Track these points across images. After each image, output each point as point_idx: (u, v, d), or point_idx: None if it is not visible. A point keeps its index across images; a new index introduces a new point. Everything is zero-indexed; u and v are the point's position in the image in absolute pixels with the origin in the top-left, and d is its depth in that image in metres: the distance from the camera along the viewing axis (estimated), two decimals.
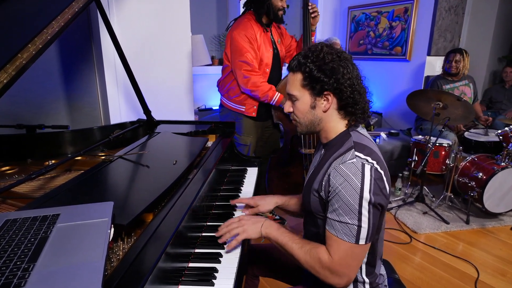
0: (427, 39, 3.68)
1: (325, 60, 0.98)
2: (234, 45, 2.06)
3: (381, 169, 0.94)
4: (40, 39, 1.03)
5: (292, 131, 2.29)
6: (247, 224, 1.07)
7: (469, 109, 2.66)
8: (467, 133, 3.26)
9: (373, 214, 0.92)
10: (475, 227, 2.64)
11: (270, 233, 1.06)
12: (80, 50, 2.14)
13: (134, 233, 0.86)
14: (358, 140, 1.00)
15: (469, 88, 3.36)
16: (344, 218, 0.92)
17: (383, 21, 4.07)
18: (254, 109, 2.22)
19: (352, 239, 0.92)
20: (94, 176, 1.11)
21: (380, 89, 4.24)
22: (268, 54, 2.15)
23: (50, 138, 1.48)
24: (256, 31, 2.07)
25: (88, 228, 0.72)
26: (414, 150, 2.96)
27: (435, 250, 2.34)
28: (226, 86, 2.25)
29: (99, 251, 0.64)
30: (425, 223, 2.67)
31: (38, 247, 0.65)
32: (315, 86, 1.00)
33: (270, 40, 2.17)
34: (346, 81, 0.98)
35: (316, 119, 1.04)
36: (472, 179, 2.69)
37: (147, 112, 1.76)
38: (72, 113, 2.17)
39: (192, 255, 1.01)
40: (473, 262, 2.21)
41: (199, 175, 1.21)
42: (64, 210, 0.80)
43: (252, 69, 2.05)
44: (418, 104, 2.89)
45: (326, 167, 1.00)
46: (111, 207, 0.80)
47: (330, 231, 0.95)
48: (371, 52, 4.26)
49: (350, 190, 0.91)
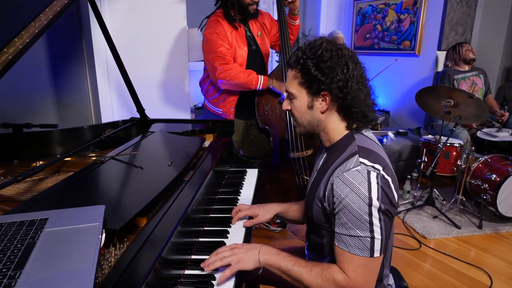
0: (437, 32, 3.68)
1: (323, 57, 0.96)
2: (206, 44, 2.04)
3: (388, 175, 0.93)
4: (27, 33, 1.03)
5: (279, 135, 2.28)
6: (241, 253, 0.98)
7: (482, 106, 2.66)
8: (480, 132, 3.26)
9: (385, 223, 0.91)
10: (488, 232, 2.64)
11: (270, 260, 0.99)
12: (69, 44, 2.14)
13: (126, 239, 0.86)
14: (363, 144, 0.99)
15: (479, 78, 3.41)
16: (355, 231, 0.90)
17: (390, 13, 4.07)
18: (231, 111, 2.20)
19: (367, 252, 0.90)
20: (85, 178, 1.10)
21: (387, 86, 4.25)
22: (241, 52, 2.11)
23: (37, 138, 1.48)
24: (226, 28, 2.04)
25: (78, 233, 0.72)
26: (423, 150, 2.95)
27: (446, 257, 2.34)
28: (205, 86, 2.25)
29: (89, 258, 0.64)
30: (435, 228, 2.67)
31: (25, 253, 0.65)
32: (312, 85, 0.98)
33: (244, 38, 2.13)
34: (345, 81, 0.95)
35: (314, 120, 1.03)
36: (485, 181, 2.69)
37: (141, 110, 1.76)
38: (61, 111, 2.17)
39: (189, 262, 1.01)
40: (486, 269, 2.20)
41: (196, 177, 1.21)
42: (53, 214, 0.80)
43: (227, 61, 2.01)
44: (428, 101, 2.89)
45: (329, 174, 0.99)
46: (102, 211, 0.80)
47: (341, 247, 0.93)
48: (378, 46, 4.26)
49: (357, 200, 0.89)
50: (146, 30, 2.19)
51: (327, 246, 1.00)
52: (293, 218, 1.33)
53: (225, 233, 1.18)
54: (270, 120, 2.25)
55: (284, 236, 2.45)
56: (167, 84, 2.35)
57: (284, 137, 2.27)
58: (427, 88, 2.87)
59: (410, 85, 4.01)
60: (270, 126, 2.28)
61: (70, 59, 2.17)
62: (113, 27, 2.03)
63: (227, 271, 0.94)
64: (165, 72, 2.33)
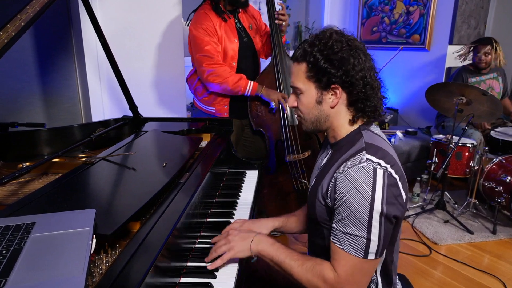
0: (449, 26, 3.68)
1: (333, 49, 0.97)
2: (193, 41, 2.04)
3: (396, 173, 0.93)
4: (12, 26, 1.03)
5: (274, 136, 2.27)
6: (235, 241, 1.04)
7: (496, 104, 2.66)
8: (494, 131, 3.25)
9: (385, 227, 0.91)
10: (503, 237, 2.64)
11: (263, 250, 1.03)
12: (58, 38, 2.14)
13: (119, 245, 0.86)
14: (371, 140, 0.99)
15: (497, 82, 3.35)
16: (351, 229, 0.91)
17: (399, 5, 4.07)
18: (225, 109, 2.19)
19: (361, 253, 0.91)
20: (74, 180, 1.10)
21: (395, 82, 4.25)
22: (232, 46, 2.10)
23: (24, 138, 1.48)
24: (214, 22, 2.03)
25: (67, 239, 0.72)
26: (434, 150, 2.96)
27: (457, 264, 2.34)
28: (194, 84, 2.23)
29: (79, 265, 0.64)
30: (447, 233, 2.67)
31: (11, 260, 0.65)
32: (322, 79, 0.99)
33: (234, 30, 2.13)
34: (357, 73, 0.96)
35: (322, 115, 1.04)
36: (500, 183, 2.69)
37: (134, 108, 1.76)
38: (49, 109, 2.17)
39: (184, 269, 1.01)
40: (501, 276, 2.21)
41: (192, 179, 1.21)
42: (40, 219, 0.80)
43: (215, 62, 2.02)
44: (439, 99, 2.89)
45: (333, 170, 1.00)
46: (93, 215, 0.80)
47: (336, 243, 0.95)
48: (386, 40, 4.26)
49: (359, 198, 0.90)
50: (140, 23, 2.19)
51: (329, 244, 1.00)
52: (292, 231, 1.34)
53: None
54: (264, 121, 2.25)
55: (284, 241, 2.45)
56: (161, 80, 2.36)
57: (279, 139, 2.26)
58: (437, 85, 2.87)
59: (420, 82, 4.01)
60: (264, 128, 2.27)
61: (59, 53, 2.17)
62: (104, 20, 2.03)
63: (218, 260, 1.00)
64: (159, 68, 2.33)
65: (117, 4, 2.11)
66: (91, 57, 2.10)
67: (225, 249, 1.02)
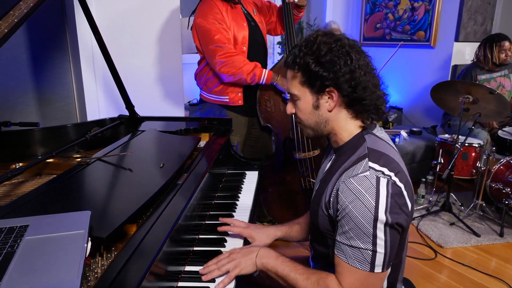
0: (455, 22, 3.68)
1: (320, 51, 0.96)
2: (201, 33, 2.04)
3: (400, 181, 0.93)
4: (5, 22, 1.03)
5: (283, 133, 2.28)
6: (239, 257, 1.04)
7: (503, 103, 2.66)
8: (501, 131, 3.25)
9: (391, 237, 0.90)
10: (511, 240, 2.64)
11: (268, 264, 1.03)
12: (52, 34, 2.14)
13: (114, 248, 0.86)
14: (374, 146, 0.99)
15: (508, 79, 3.34)
16: (356, 242, 0.91)
17: (403, 1, 4.07)
18: (239, 97, 2.20)
19: (367, 266, 0.90)
20: (69, 181, 1.11)
21: (400, 81, 4.25)
22: (242, 30, 2.12)
23: (17, 137, 1.48)
24: (221, 9, 2.05)
25: (61, 242, 0.72)
26: (439, 151, 2.96)
27: (464, 267, 2.34)
28: (204, 77, 2.23)
29: (74, 269, 0.64)
30: (452, 235, 2.67)
31: (3, 264, 0.65)
32: (315, 83, 0.99)
33: (242, 14, 2.15)
34: (345, 74, 0.95)
35: (321, 120, 1.03)
36: (507, 184, 2.69)
37: (130, 107, 1.76)
38: (42, 108, 2.17)
39: (182, 274, 1.01)
40: (508, 281, 2.20)
41: (190, 180, 1.21)
42: (34, 221, 0.80)
43: (227, 51, 2.02)
44: (444, 97, 2.89)
45: (336, 178, 0.99)
46: (88, 217, 0.80)
47: (340, 257, 0.94)
48: (390, 37, 4.26)
49: (362, 209, 0.89)
50: (136, 20, 2.19)
51: (333, 257, 0.99)
52: (296, 240, 1.34)
53: (223, 242, 1.18)
54: (273, 117, 2.26)
55: (287, 245, 2.45)
56: (159, 78, 2.36)
57: (288, 136, 2.27)
58: (443, 83, 2.87)
59: (425, 80, 4.01)
60: (273, 124, 2.28)
61: (53, 51, 2.17)
62: (99, 15, 2.03)
63: (226, 279, 0.99)
64: (156, 66, 2.33)
65: (113, 0, 2.10)
66: (86, 54, 2.10)
67: (230, 267, 1.02)
